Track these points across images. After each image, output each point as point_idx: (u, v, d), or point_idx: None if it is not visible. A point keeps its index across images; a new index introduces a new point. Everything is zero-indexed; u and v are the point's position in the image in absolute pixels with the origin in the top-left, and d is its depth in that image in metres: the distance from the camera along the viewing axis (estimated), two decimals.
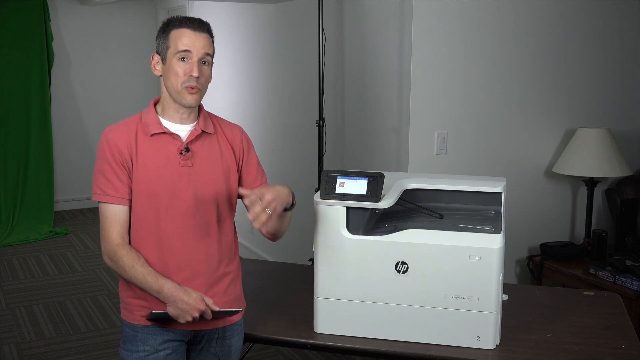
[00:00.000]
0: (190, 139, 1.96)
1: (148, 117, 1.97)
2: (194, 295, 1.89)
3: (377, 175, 2.09)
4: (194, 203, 1.95)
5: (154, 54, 1.99)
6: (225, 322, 2.05)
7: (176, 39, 1.90)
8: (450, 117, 3.48)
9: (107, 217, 1.93)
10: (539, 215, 3.84)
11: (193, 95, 1.92)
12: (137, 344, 1.98)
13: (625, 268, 3.29)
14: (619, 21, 3.84)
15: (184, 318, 1.87)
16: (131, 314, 2.00)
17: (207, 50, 1.92)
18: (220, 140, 2.03)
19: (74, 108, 7.04)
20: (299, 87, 4.45)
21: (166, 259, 1.94)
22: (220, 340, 2.06)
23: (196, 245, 1.96)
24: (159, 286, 1.88)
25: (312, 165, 4.01)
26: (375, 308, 2.14)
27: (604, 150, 3.58)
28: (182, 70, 1.90)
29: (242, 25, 5.28)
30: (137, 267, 1.89)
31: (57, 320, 4.21)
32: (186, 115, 1.97)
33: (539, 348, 2.12)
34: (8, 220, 6.16)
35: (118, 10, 7.09)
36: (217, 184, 1.98)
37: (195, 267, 1.96)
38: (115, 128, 1.95)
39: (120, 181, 1.91)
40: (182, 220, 1.94)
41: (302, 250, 4.31)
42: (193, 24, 1.92)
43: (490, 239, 2.03)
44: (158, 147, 1.94)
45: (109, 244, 1.92)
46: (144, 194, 1.92)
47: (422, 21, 3.33)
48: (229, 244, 2.05)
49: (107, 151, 1.92)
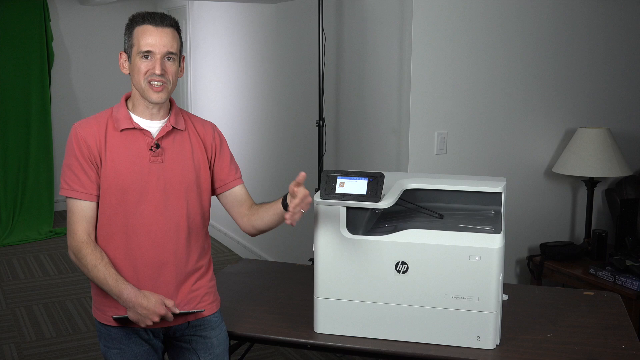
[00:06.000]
0: (161, 135, 1.97)
1: (119, 113, 1.97)
2: (153, 300, 1.88)
3: (377, 175, 2.09)
4: (163, 199, 1.95)
5: (121, 52, 1.99)
6: (197, 316, 2.05)
7: (139, 37, 1.90)
8: (450, 117, 3.48)
9: (73, 212, 1.93)
10: (539, 215, 3.84)
11: (158, 94, 1.92)
12: (113, 342, 2.00)
13: (625, 268, 3.29)
14: (620, 21, 3.84)
15: (144, 322, 1.88)
16: (102, 313, 2.01)
17: (169, 49, 1.91)
18: (191, 136, 2.03)
19: (74, 108, 7.04)
20: (299, 87, 4.45)
21: (134, 255, 1.94)
22: (196, 335, 2.06)
23: (165, 241, 1.96)
24: (118, 290, 1.88)
25: (312, 165, 4.01)
26: (375, 308, 2.14)
27: (604, 150, 3.58)
28: (144, 67, 1.91)
29: (242, 25, 5.28)
30: (100, 267, 1.89)
31: (57, 320, 4.21)
32: (156, 111, 1.98)
33: (539, 348, 2.12)
34: (8, 220, 6.16)
35: (118, 10, 7.09)
36: (187, 181, 1.99)
37: (163, 263, 1.96)
38: (85, 123, 1.95)
39: (88, 177, 1.91)
40: (151, 216, 1.94)
41: (302, 250, 4.31)
42: (154, 19, 1.91)
43: (490, 239, 2.03)
44: (128, 142, 1.94)
45: (74, 240, 1.92)
46: (112, 190, 1.92)
47: (422, 21, 3.33)
48: (199, 240, 2.05)
49: (75, 146, 1.92)
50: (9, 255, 5.60)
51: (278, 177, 4.86)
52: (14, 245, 5.89)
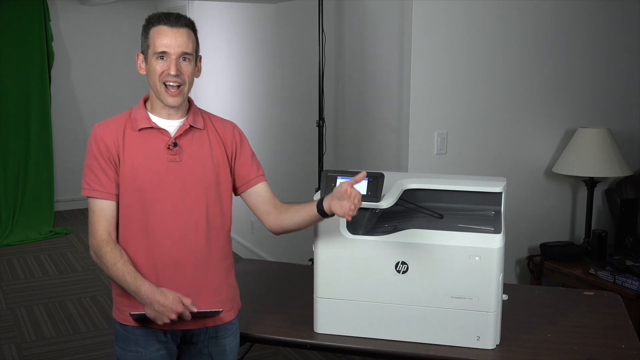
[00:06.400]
0: (179, 134, 1.96)
1: (137, 113, 1.97)
2: (171, 297, 1.87)
3: (377, 175, 2.09)
4: (182, 198, 1.94)
5: (138, 52, 1.99)
6: (216, 322, 2.03)
7: (154, 38, 1.91)
8: (450, 117, 3.48)
9: (94, 211, 1.94)
10: (539, 215, 3.84)
11: (174, 98, 1.92)
12: (130, 343, 1.99)
13: (625, 268, 3.29)
14: (620, 22, 3.84)
15: (160, 320, 1.87)
16: (121, 314, 2.00)
17: (184, 49, 1.91)
18: (210, 135, 2.02)
19: (74, 108, 7.04)
20: (299, 87, 4.45)
21: (154, 254, 1.94)
22: (212, 340, 2.04)
23: (183, 240, 1.95)
24: (136, 287, 1.88)
25: (312, 165, 4.01)
26: (375, 308, 2.14)
27: (604, 150, 3.58)
28: (160, 68, 1.91)
29: (242, 25, 5.28)
30: (119, 265, 1.89)
31: (57, 320, 4.21)
32: (174, 111, 1.97)
33: (539, 348, 2.12)
34: (8, 220, 6.16)
35: (118, 10, 7.09)
36: (206, 180, 1.98)
37: (182, 262, 1.95)
38: (103, 124, 1.97)
39: (107, 176, 1.92)
40: (169, 215, 1.93)
41: (302, 250, 4.31)
42: (170, 20, 1.91)
43: (490, 239, 2.03)
44: (146, 142, 1.94)
45: (94, 239, 1.92)
46: (130, 189, 1.92)
47: (422, 21, 3.33)
48: (219, 242, 2.03)
49: (94, 146, 1.94)
50: (9, 255, 5.60)
51: (278, 177, 4.86)
52: (14, 245, 5.88)
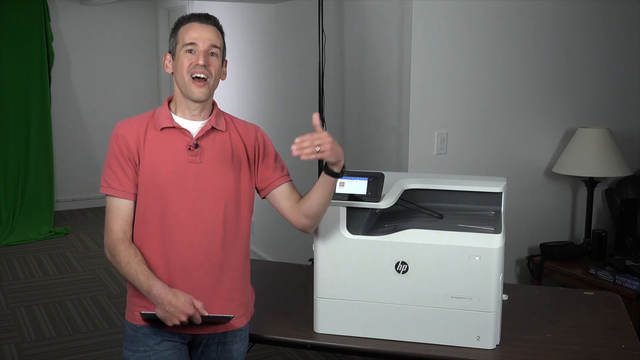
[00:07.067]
0: (200, 135, 1.95)
1: (161, 113, 1.97)
2: (182, 298, 1.85)
3: (377, 175, 2.09)
4: (200, 200, 1.93)
5: (166, 53, 2.01)
6: (227, 327, 2.01)
7: (183, 34, 1.94)
8: (450, 117, 3.48)
9: (110, 210, 1.93)
10: (539, 215, 3.84)
11: (201, 89, 1.92)
12: (138, 343, 1.98)
13: (625, 268, 3.29)
14: (620, 22, 3.84)
15: (171, 321, 1.85)
16: (132, 314, 1.99)
17: (213, 42, 1.94)
18: (232, 137, 2.01)
19: (74, 108, 7.03)
20: (299, 87, 4.45)
21: (168, 255, 1.92)
22: (220, 346, 2.03)
23: (198, 243, 1.93)
24: (148, 286, 1.86)
25: (312, 165, 4.01)
26: (375, 308, 2.14)
27: (604, 150, 3.58)
28: (188, 61, 1.92)
29: (242, 25, 5.28)
30: (133, 264, 1.88)
31: (57, 320, 4.21)
32: (197, 112, 1.97)
33: (539, 348, 2.12)
34: (8, 220, 6.15)
35: (118, 10, 7.09)
36: (225, 182, 1.96)
37: (195, 265, 1.94)
38: (126, 122, 1.97)
39: (126, 175, 1.92)
40: (186, 216, 1.92)
41: (302, 250, 4.31)
42: (199, 17, 1.97)
43: (490, 239, 2.03)
44: (167, 141, 1.94)
45: (110, 238, 1.92)
46: (149, 187, 1.91)
47: (422, 21, 3.33)
48: (236, 247, 2.00)
49: (115, 145, 1.93)
50: (9, 255, 5.60)
51: None
52: (14, 245, 5.88)
